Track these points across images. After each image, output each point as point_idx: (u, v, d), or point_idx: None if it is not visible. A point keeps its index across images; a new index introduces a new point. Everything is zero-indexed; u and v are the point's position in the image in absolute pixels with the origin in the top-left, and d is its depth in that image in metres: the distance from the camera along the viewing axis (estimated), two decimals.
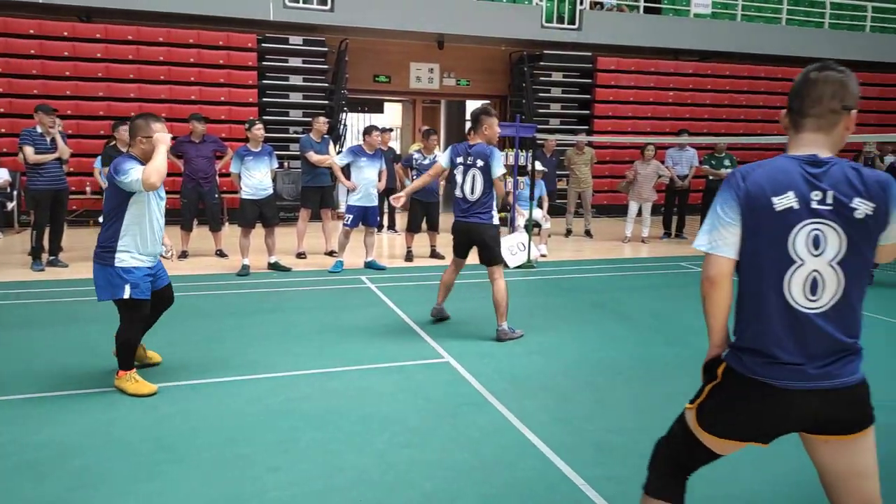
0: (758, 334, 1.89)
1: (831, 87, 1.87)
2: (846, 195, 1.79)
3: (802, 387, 1.84)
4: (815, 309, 1.83)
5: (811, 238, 1.81)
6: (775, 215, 1.82)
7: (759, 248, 1.86)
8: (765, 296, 1.87)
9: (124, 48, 11.00)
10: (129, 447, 3.28)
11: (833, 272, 1.82)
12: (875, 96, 15.38)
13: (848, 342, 1.85)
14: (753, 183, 1.85)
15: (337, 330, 5.33)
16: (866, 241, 1.82)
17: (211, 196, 8.29)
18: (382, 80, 13.38)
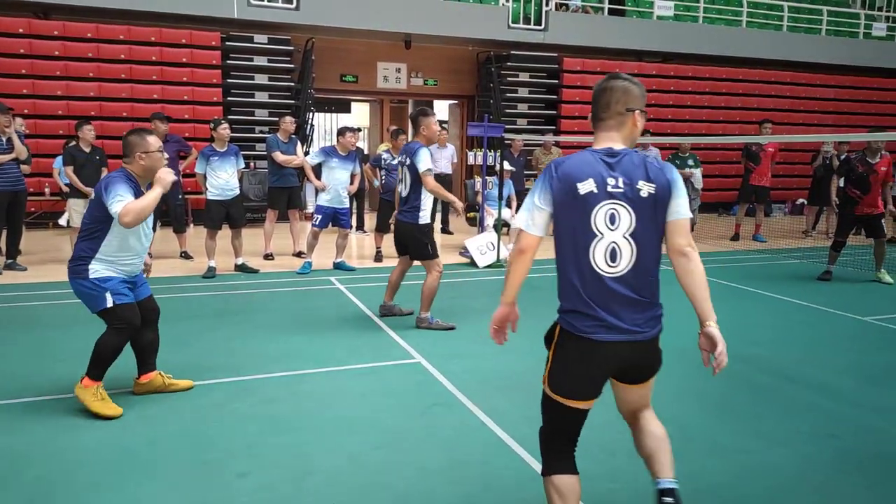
0: (575, 297, 2.26)
1: (616, 93, 2.30)
2: (633, 179, 2.20)
3: (613, 339, 2.23)
4: (615, 273, 2.22)
5: (608, 215, 2.21)
6: (580, 198, 2.21)
7: (570, 226, 2.24)
8: (576, 264, 2.25)
9: (83, 46, 10.72)
10: (90, 456, 3.19)
11: (627, 243, 2.21)
12: (832, 97, 15.82)
13: (644, 301, 2.27)
14: (562, 173, 2.25)
15: (306, 332, 5.28)
16: (651, 216, 2.22)
17: (174, 197, 8.13)
18: (350, 79, 13.29)
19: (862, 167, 7.37)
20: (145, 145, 3.75)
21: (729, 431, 3.58)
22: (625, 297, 2.23)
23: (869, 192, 7.34)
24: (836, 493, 2.96)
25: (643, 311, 2.27)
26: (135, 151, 3.76)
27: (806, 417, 3.78)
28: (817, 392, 4.18)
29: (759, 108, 14.95)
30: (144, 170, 3.76)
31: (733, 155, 13.83)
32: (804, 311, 6.26)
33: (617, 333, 2.23)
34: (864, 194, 7.36)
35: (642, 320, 2.27)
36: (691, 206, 10.40)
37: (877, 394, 4.17)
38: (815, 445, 3.43)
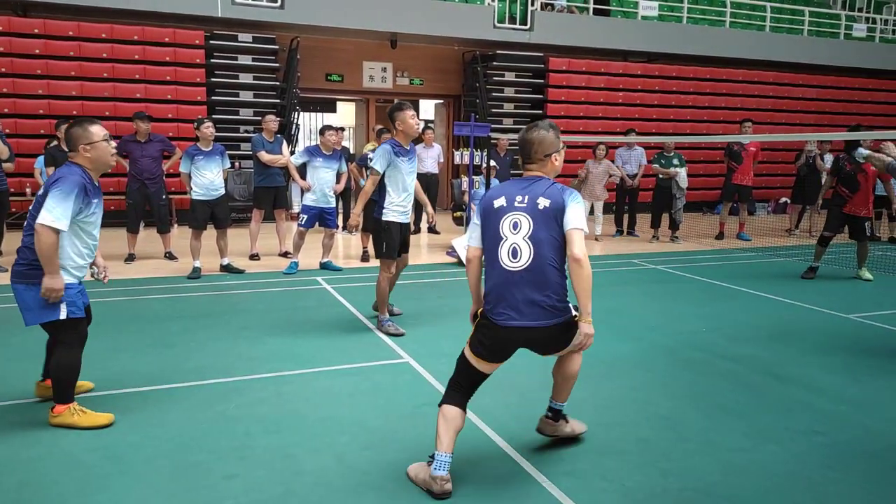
0: (491, 289, 2.88)
1: (534, 145, 2.96)
2: (535, 197, 2.86)
3: (513, 324, 2.82)
4: (516, 268, 2.81)
5: (511, 223, 2.85)
6: (494, 210, 2.90)
7: (488, 233, 2.91)
8: (491, 262, 2.88)
9: (65, 44, 10.59)
10: (74, 459, 3.14)
11: (526, 244, 2.81)
12: (813, 97, 15.99)
13: (541, 296, 2.80)
14: (487, 196, 2.98)
15: (292, 332, 5.24)
16: (547, 223, 2.81)
17: (158, 197, 8.05)
18: (335, 78, 13.23)
19: (850, 166, 7.41)
20: (88, 136, 3.50)
21: (720, 430, 3.59)
22: (523, 288, 2.79)
23: (858, 191, 7.37)
24: (825, 490, 2.98)
25: (539, 303, 2.80)
26: (78, 144, 3.50)
27: (794, 415, 3.81)
28: (805, 390, 4.21)
29: (743, 107, 15.08)
30: (92, 162, 3.52)
31: (717, 154, 13.93)
32: (790, 309, 6.31)
33: (516, 321, 2.81)
34: (853, 193, 7.39)
35: (538, 311, 2.80)
36: (676, 204, 10.48)
37: (862, 391, 4.21)
38: (804, 443, 3.45)
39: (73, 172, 3.43)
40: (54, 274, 3.34)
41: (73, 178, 3.39)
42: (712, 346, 5.08)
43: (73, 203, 3.34)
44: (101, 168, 3.59)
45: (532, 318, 2.79)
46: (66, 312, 3.43)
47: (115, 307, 5.92)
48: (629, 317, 5.89)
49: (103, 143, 3.53)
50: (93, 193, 3.49)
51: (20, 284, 3.42)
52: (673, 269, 8.20)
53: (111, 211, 10.38)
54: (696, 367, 4.61)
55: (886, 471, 3.16)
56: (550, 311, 2.81)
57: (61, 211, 3.30)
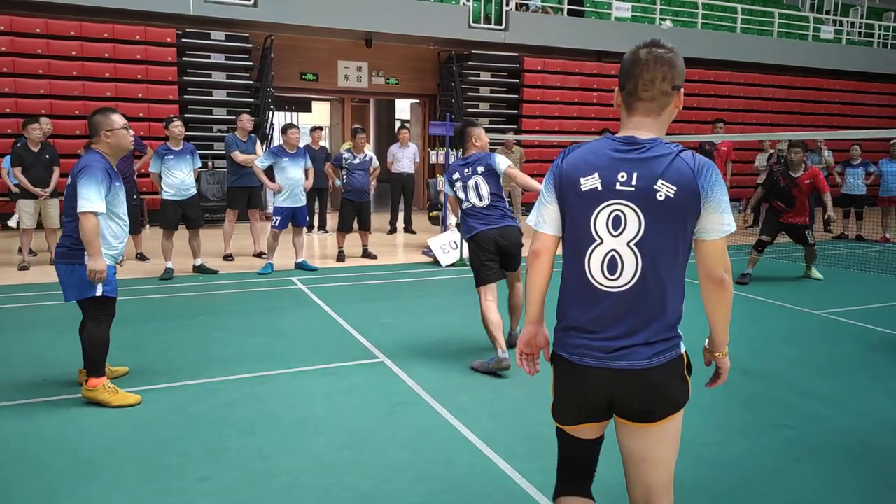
0: (567, 312, 1.92)
1: (664, 68, 1.85)
2: (652, 176, 1.79)
3: (595, 364, 1.86)
4: (614, 288, 1.84)
5: (610, 215, 1.82)
6: (580, 194, 1.85)
7: (570, 227, 1.90)
8: (571, 273, 1.91)
9: (32, 42, 10.38)
10: (43, 463, 3.08)
11: (631, 252, 1.82)
12: (783, 97, 16.29)
13: (650, 325, 1.85)
14: (568, 164, 1.90)
15: (267, 333, 5.20)
16: (669, 224, 1.79)
17: (129, 197, 7.84)
18: (310, 78, 13.15)
19: (784, 181, 7.37)
20: (109, 123, 3.79)
21: (690, 425, 3.61)
22: (620, 315, 1.84)
23: (793, 206, 7.33)
24: (794, 482, 3.04)
25: (644, 335, 1.84)
26: (100, 130, 3.79)
27: (762, 409, 3.88)
28: (772, 384, 4.29)
29: (714, 107, 15.30)
30: (112, 148, 3.84)
31: None
32: (760, 306, 6.42)
33: (603, 360, 1.85)
34: (789, 207, 7.35)
35: (642, 347, 1.84)
36: None
37: (828, 385, 4.30)
38: (773, 436, 3.52)
39: (94, 160, 3.73)
40: (97, 256, 3.64)
41: (95, 164, 3.69)
42: (685, 343, 5.14)
43: (102, 186, 3.66)
44: (120, 153, 3.94)
45: (626, 359, 1.84)
46: (102, 291, 3.73)
47: None
48: None
49: (122, 130, 3.84)
50: (114, 177, 3.81)
51: (63, 265, 3.75)
52: None
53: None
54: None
55: (853, 463, 3.24)
56: (658, 345, 1.88)
57: (95, 195, 3.62)
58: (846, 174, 11.03)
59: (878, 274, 8.04)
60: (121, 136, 3.83)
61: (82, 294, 3.73)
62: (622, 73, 1.89)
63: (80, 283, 3.70)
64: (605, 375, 1.85)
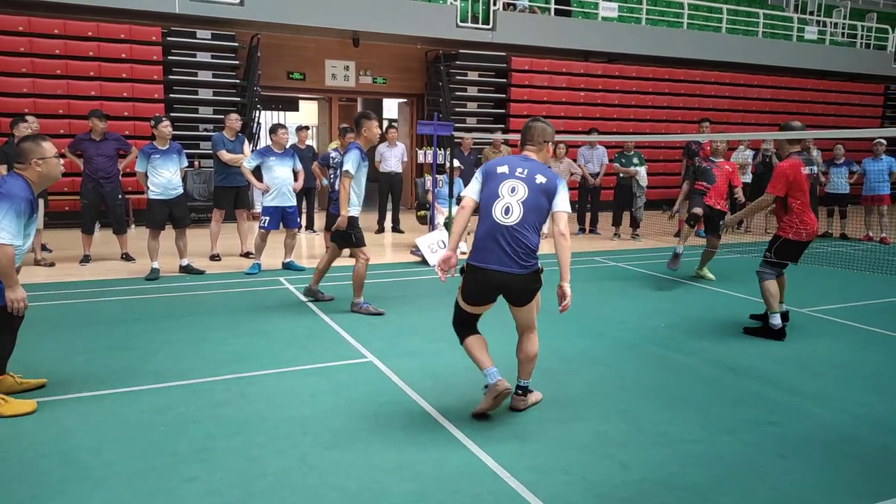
0: (480, 238, 3.46)
1: (537, 131, 3.66)
2: (534, 172, 3.50)
3: (494, 268, 3.40)
4: (506, 223, 3.40)
5: (510, 188, 3.46)
6: (497, 175, 3.51)
7: (486, 191, 3.51)
8: (485, 216, 3.47)
9: (15, 40, 10.25)
10: (29, 465, 3.05)
11: (519, 206, 3.41)
12: (768, 97, 16.43)
13: (521, 249, 3.39)
14: (492, 162, 3.60)
15: (254, 333, 5.18)
16: (540, 196, 3.44)
17: (114, 197, 7.86)
18: (297, 77, 13.10)
19: (706, 163, 7.59)
20: (41, 151, 3.71)
21: (677, 421, 3.67)
22: (511, 240, 3.38)
23: (714, 183, 7.39)
24: (778, 478, 3.07)
25: (523, 253, 3.39)
26: (30, 158, 3.69)
27: (748, 406, 3.92)
28: (758, 381, 4.34)
29: (700, 107, 15.40)
30: (41, 176, 3.74)
31: (675, 153, 14.21)
32: (746, 303, 6.48)
33: (502, 266, 3.39)
34: (710, 184, 7.40)
35: (522, 259, 3.39)
36: (637, 203, 10.62)
37: (812, 382, 4.35)
38: (758, 433, 3.55)
39: (20, 188, 3.61)
40: (15, 286, 3.56)
41: (20, 194, 3.58)
42: (670, 340, 5.19)
43: (23, 218, 3.57)
44: (47, 183, 3.86)
45: (510, 266, 3.37)
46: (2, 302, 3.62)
47: (71, 309, 5.77)
48: (591, 313, 5.98)
49: (54, 160, 3.77)
50: (35, 207, 3.69)
51: None
52: (633, 266, 8.34)
53: (65, 212, 10.15)
54: (654, 361, 4.71)
55: (836, 458, 3.28)
56: (525, 263, 3.39)
57: (15, 227, 3.53)
58: (830, 173, 11.14)
59: (860, 272, 8.14)
60: (52, 166, 3.75)
61: None
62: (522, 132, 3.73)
63: None
64: (504, 275, 3.42)
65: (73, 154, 8.01)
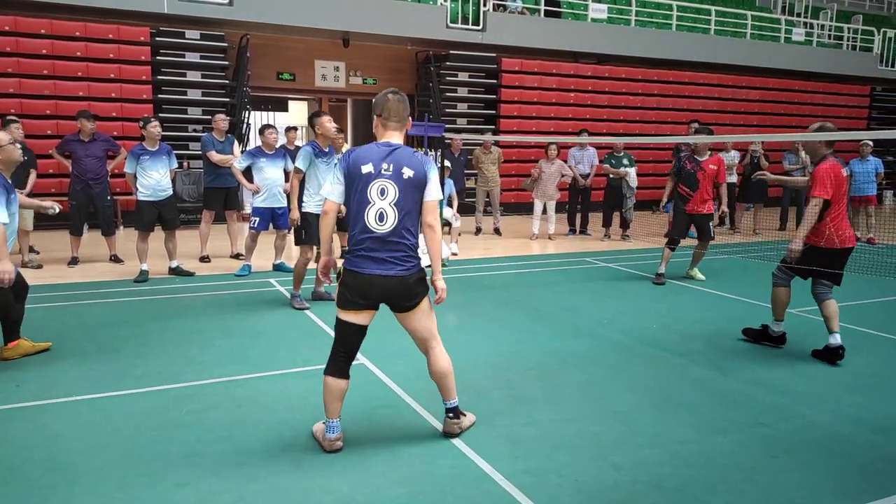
0: (356, 246, 3.16)
1: (401, 104, 3.27)
2: (399, 165, 3.15)
3: (375, 272, 3.13)
4: (382, 231, 3.13)
5: (379, 189, 3.13)
6: (362, 176, 3.13)
7: (355, 195, 3.15)
8: (357, 222, 3.16)
9: (1, 40, 10.16)
10: (15, 470, 3.02)
11: (392, 209, 3.13)
12: (756, 98, 16.54)
13: (400, 253, 3.15)
14: (353, 158, 3.17)
15: (244, 335, 5.15)
16: (411, 192, 3.15)
17: (102, 198, 7.80)
18: (286, 77, 13.05)
19: (690, 164, 7.48)
20: None
21: (668, 422, 3.68)
22: (387, 247, 3.14)
23: (697, 190, 7.41)
24: (769, 478, 3.09)
25: (400, 258, 3.15)
26: None
27: (739, 407, 3.93)
28: (748, 383, 4.36)
29: (689, 108, 15.49)
30: (2, 163, 4.33)
31: (665, 154, 14.28)
32: (734, 304, 6.51)
33: (380, 270, 3.12)
34: (693, 191, 7.44)
35: (399, 264, 3.15)
36: (626, 204, 10.64)
37: (802, 383, 4.37)
38: (748, 433, 3.57)
39: None
40: (3, 259, 4.11)
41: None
42: (662, 341, 5.20)
43: (1, 198, 4.16)
44: (11, 168, 4.43)
45: (390, 270, 3.14)
46: None
47: (59, 312, 5.72)
48: (583, 314, 5.99)
49: (10, 146, 4.37)
50: (10, 189, 4.26)
51: None
52: (624, 267, 8.36)
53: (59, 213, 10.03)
54: (646, 362, 4.72)
55: (825, 458, 3.30)
56: (404, 265, 3.16)
57: (1, 208, 4.12)
58: None
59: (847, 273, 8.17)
60: (9, 152, 4.34)
61: None
62: (378, 107, 3.29)
63: None
64: (383, 279, 3.14)
65: (60, 155, 7.94)
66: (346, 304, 3.16)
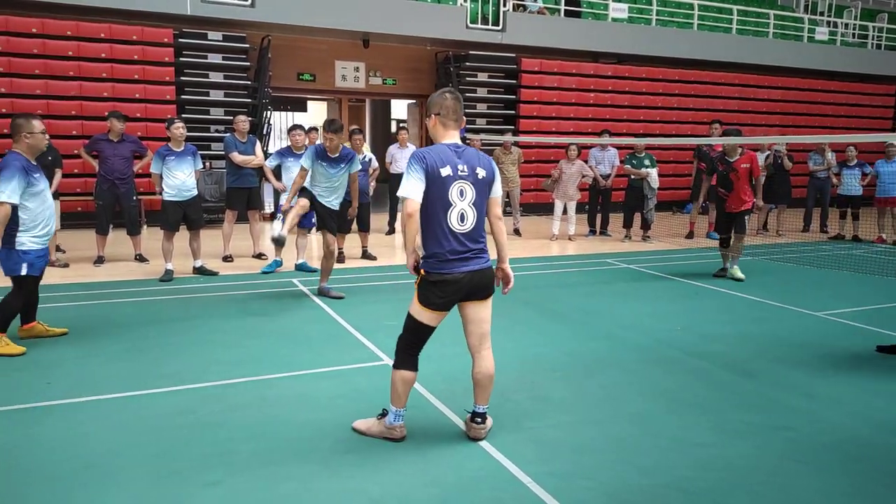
0: (441, 248, 3.24)
1: (458, 103, 3.36)
2: (473, 167, 3.27)
3: (464, 271, 3.24)
4: (464, 230, 3.25)
5: (459, 191, 3.23)
6: (442, 179, 3.19)
7: (437, 199, 3.21)
8: (439, 223, 3.23)
9: (29, 42, 10.33)
10: (48, 468, 3.08)
11: (471, 209, 3.26)
12: (778, 98, 16.36)
13: (478, 247, 3.30)
14: (431, 161, 3.20)
15: (269, 335, 5.20)
16: (484, 191, 3.31)
17: (128, 198, 7.91)
18: (307, 78, 13.14)
19: (722, 166, 7.56)
20: (30, 127, 4.58)
21: (690, 426, 3.67)
22: (467, 245, 3.26)
23: (732, 190, 7.48)
24: (792, 483, 3.07)
25: (478, 254, 3.30)
26: (20, 132, 4.54)
27: (762, 410, 3.91)
28: (773, 386, 4.33)
29: (710, 108, 15.36)
30: (30, 147, 4.61)
31: (686, 155, 14.17)
32: (758, 306, 6.46)
33: (464, 267, 3.24)
34: (728, 192, 7.52)
35: (476, 260, 3.28)
36: (648, 205, 10.61)
37: (827, 386, 4.34)
38: (771, 436, 3.55)
39: (12, 158, 4.50)
40: None
41: (10, 162, 4.47)
42: (684, 344, 5.18)
43: (19, 181, 4.44)
44: (36, 153, 4.70)
45: (474, 266, 3.27)
46: (26, 271, 4.62)
47: (86, 311, 5.81)
48: (603, 316, 5.98)
49: (40, 135, 4.65)
50: (33, 170, 4.59)
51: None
52: (645, 269, 8.33)
53: (79, 212, 10.21)
54: (667, 365, 4.71)
55: (848, 462, 3.28)
56: (485, 258, 3.33)
57: (9, 190, 4.41)
58: (842, 175, 11.10)
59: (874, 275, 8.10)
60: (38, 139, 4.64)
61: (8, 272, 4.62)
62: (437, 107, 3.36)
63: (6, 263, 4.60)
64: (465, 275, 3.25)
65: (88, 154, 8.07)
66: (434, 305, 3.26)
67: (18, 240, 4.56)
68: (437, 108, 3.32)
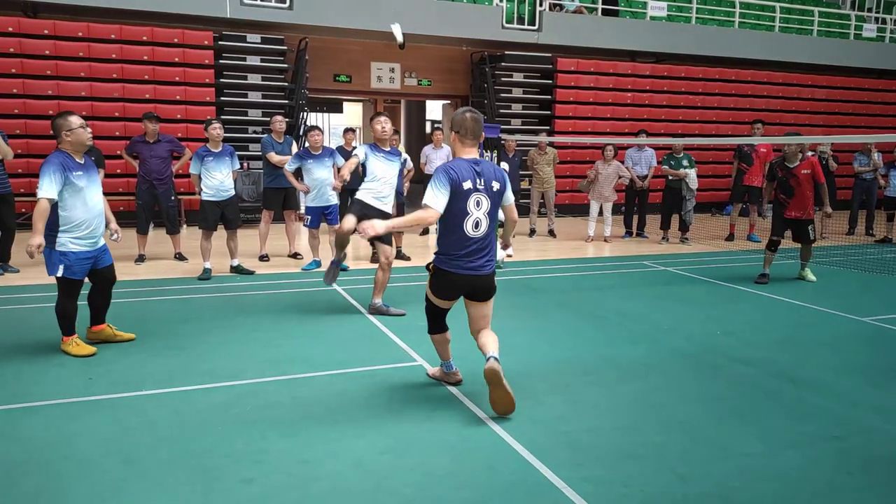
0: (453, 249, 3.70)
1: (477, 125, 3.74)
2: (489, 180, 3.71)
3: (471, 273, 3.72)
4: (478, 236, 3.69)
5: (476, 202, 3.66)
6: (464, 191, 3.62)
7: (456, 208, 3.63)
8: (455, 228, 3.68)
9: (74, 45, 10.61)
10: (90, 463, 3.13)
11: (485, 218, 3.70)
12: (822, 98, 15.91)
13: (487, 254, 3.74)
14: (454, 175, 3.62)
15: (304, 334, 5.23)
16: (498, 201, 3.76)
17: (166, 198, 8.05)
18: (343, 79, 13.23)
19: (781, 172, 7.34)
20: (68, 125, 4.55)
21: (735, 434, 3.56)
22: (478, 249, 3.70)
23: (793, 196, 7.28)
24: (843, 495, 2.95)
25: (486, 259, 3.75)
26: (60, 132, 4.54)
27: (810, 419, 3.78)
28: (820, 394, 4.18)
29: (751, 108, 15.02)
30: (73, 144, 4.57)
31: (726, 155, 13.87)
32: (802, 311, 6.27)
33: (468, 271, 3.71)
34: (789, 198, 7.31)
35: (483, 264, 3.74)
36: (686, 206, 10.40)
37: (878, 395, 4.17)
38: (820, 447, 3.42)
39: (53, 157, 4.49)
40: (36, 234, 4.33)
41: (52, 160, 4.46)
42: (725, 348, 5.05)
43: (54, 179, 4.39)
44: (81, 149, 4.62)
45: (482, 270, 3.73)
46: (62, 272, 4.52)
47: (126, 308, 5.92)
48: (642, 319, 5.87)
49: (80, 129, 4.58)
50: (74, 168, 4.52)
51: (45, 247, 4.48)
52: (683, 271, 8.16)
53: (120, 212, 10.41)
54: (709, 370, 4.59)
55: None
56: (491, 265, 3.77)
57: (47, 184, 4.39)
58: (889, 176, 10.73)
59: None
60: (79, 134, 4.56)
61: (49, 272, 4.55)
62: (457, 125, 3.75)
63: (49, 262, 4.54)
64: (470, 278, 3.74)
65: (129, 156, 8.23)
66: (440, 294, 3.84)
67: (59, 240, 4.48)
68: (457, 126, 3.72)
